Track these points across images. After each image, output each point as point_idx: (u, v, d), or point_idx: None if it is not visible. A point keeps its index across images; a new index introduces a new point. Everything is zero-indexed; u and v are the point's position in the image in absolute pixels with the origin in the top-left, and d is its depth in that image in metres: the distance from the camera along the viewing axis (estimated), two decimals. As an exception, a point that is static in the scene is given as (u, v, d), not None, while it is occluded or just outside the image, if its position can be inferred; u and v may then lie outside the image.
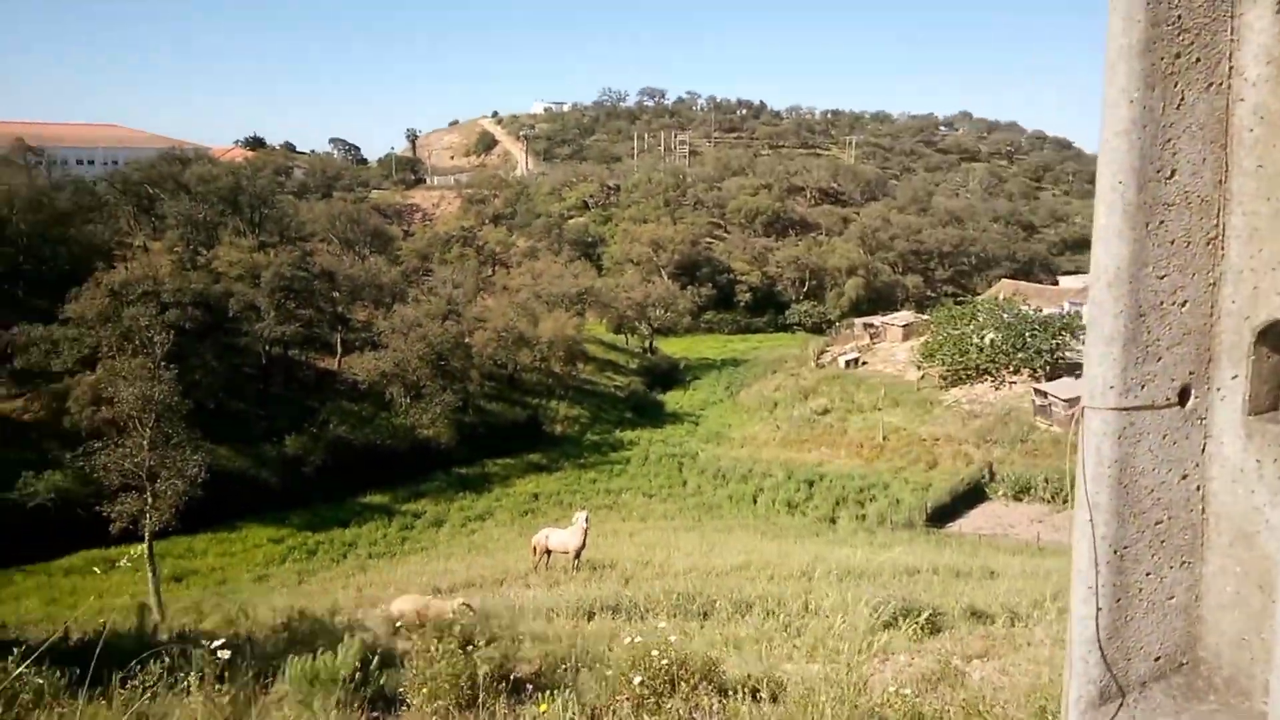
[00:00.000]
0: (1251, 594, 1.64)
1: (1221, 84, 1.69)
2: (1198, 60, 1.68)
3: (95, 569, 23.92)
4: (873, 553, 21.19)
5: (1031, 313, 55.71)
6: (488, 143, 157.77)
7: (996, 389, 54.02)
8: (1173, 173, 1.67)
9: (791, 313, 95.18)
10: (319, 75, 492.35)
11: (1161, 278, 1.67)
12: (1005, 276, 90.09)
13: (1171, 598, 1.71)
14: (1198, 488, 1.71)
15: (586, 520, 20.17)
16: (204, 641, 6.41)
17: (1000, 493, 42.67)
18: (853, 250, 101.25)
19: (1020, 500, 41.59)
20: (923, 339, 60.40)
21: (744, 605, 14.10)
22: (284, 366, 51.12)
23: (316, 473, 41.19)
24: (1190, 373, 1.69)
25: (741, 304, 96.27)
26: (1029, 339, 53.37)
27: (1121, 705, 1.66)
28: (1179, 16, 1.66)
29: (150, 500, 21.24)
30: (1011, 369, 53.93)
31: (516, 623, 13.06)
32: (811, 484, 43.68)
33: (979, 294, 78.28)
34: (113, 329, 39.45)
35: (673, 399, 67.61)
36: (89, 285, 41.78)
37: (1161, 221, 1.67)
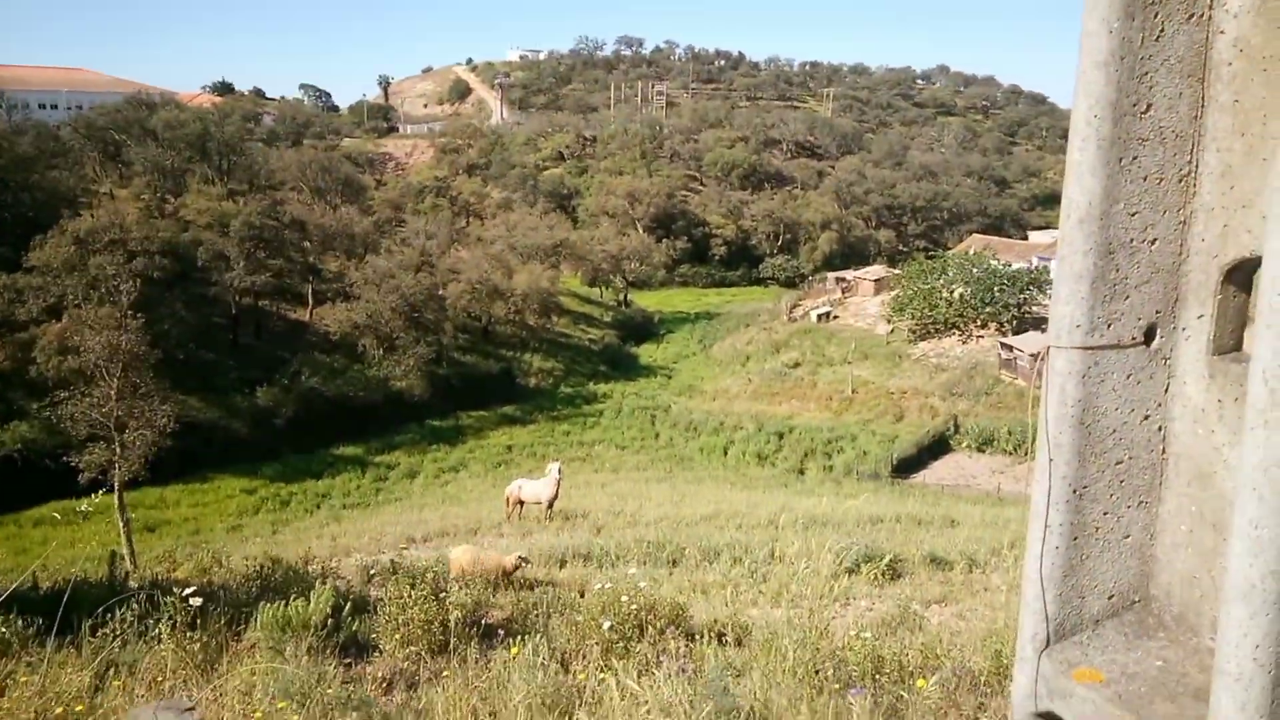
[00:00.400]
0: (1205, 533, 1.65)
1: (1202, 15, 1.65)
2: (1178, -11, 1.63)
3: (56, 515, 23.72)
4: (838, 502, 21.54)
5: (1001, 267, 56.17)
6: (462, 91, 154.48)
7: (964, 343, 54.65)
8: (1148, 107, 1.64)
9: (765, 266, 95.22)
10: (289, 20, 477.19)
11: (1133, 215, 1.64)
12: (977, 231, 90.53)
13: (1127, 537, 1.72)
14: (1159, 428, 1.71)
15: (560, 471, 20.25)
16: (175, 589, 6.38)
17: (964, 444, 43.44)
18: (827, 204, 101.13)
19: (983, 452, 42.39)
20: (893, 293, 60.77)
21: (712, 553, 14.32)
22: (254, 317, 50.42)
23: (288, 424, 40.94)
24: (1157, 312, 1.68)
25: (716, 257, 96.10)
26: (997, 293, 53.89)
27: (1074, 641, 1.68)
28: (1159, -57, 1.61)
29: (119, 450, 21.00)
30: (979, 323, 54.53)
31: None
32: (781, 436, 44.16)
33: (950, 249, 78.65)
34: (79, 277, 38.63)
35: (646, 352, 67.71)
36: (54, 233, 40.75)
37: (1135, 157, 1.64)
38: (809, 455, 41.89)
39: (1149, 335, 1.68)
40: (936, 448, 43.15)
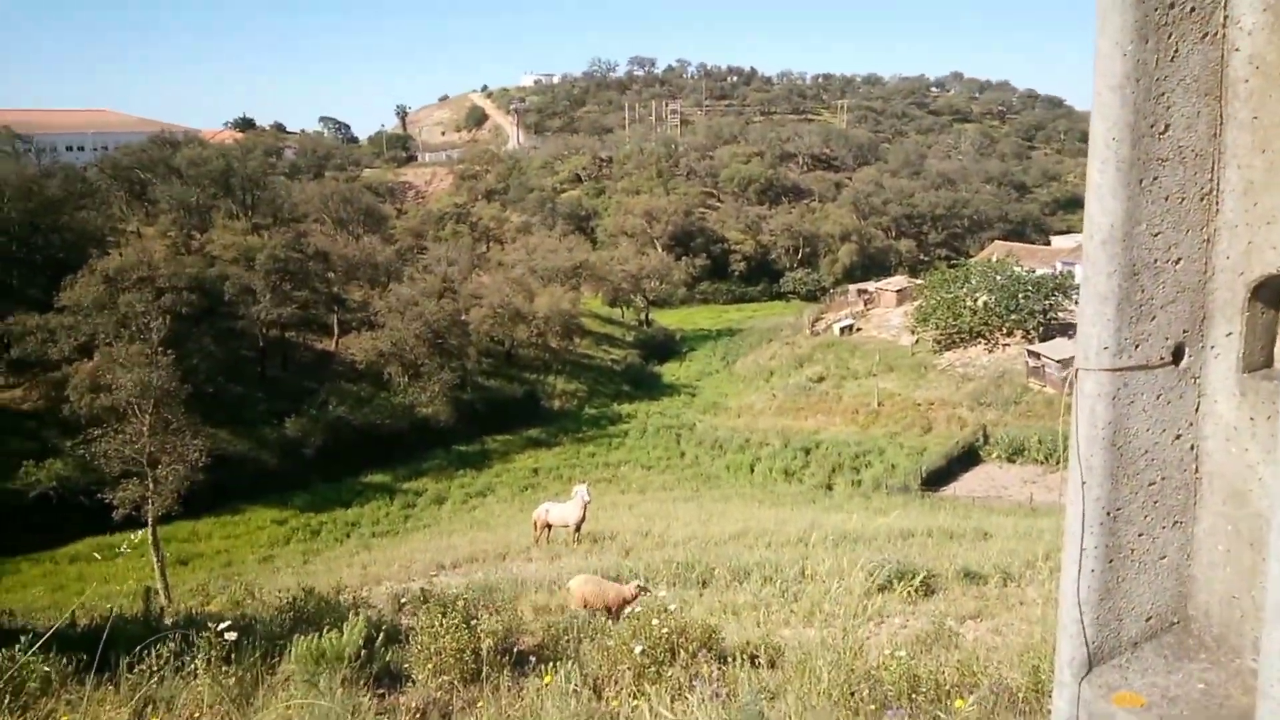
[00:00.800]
0: (1242, 552, 1.63)
1: (1216, 34, 1.65)
2: (1192, 10, 1.64)
3: (96, 555, 24.02)
4: (868, 517, 21.35)
5: (1024, 274, 55.63)
6: (478, 117, 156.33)
7: (990, 351, 54.09)
8: (1166, 127, 1.64)
9: (786, 281, 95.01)
10: (307, 54, 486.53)
11: (1155, 235, 1.64)
12: (998, 238, 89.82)
13: (1163, 557, 1.70)
14: (1191, 447, 1.70)
15: (588, 493, 20.27)
16: (210, 624, 6.44)
17: (994, 455, 42.89)
18: (846, 216, 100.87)
19: (1014, 462, 41.82)
20: (916, 303, 60.35)
21: (742, 573, 14.23)
22: (281, 349, 51.04)
23: (317, 454, 41.28)
24: (1184, 331, 1.68)
25: (736, 273, 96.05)
26: (1022, 300, 53.35)
27: (1113, 665, 1.66)
28: (1170, -34, 1.62)
29: (152, 486, 21.27)
30: (1005, 331, 53.97)
31: (519, 596, 13.18)
32: (808, 451, 43.86)
33: (972, 256, 78.11)
34: (109, 316, 39.32)
35: (669, 371, 67.67)
36: (84, 272, 41.57)
37: (1155, 177, 1.64)
38: (836, 470, 41.55)
39: (1177, 355, 1.67)
40: (966, 459, 42.64)
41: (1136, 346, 1.64)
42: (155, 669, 6.08)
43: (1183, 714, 1.57)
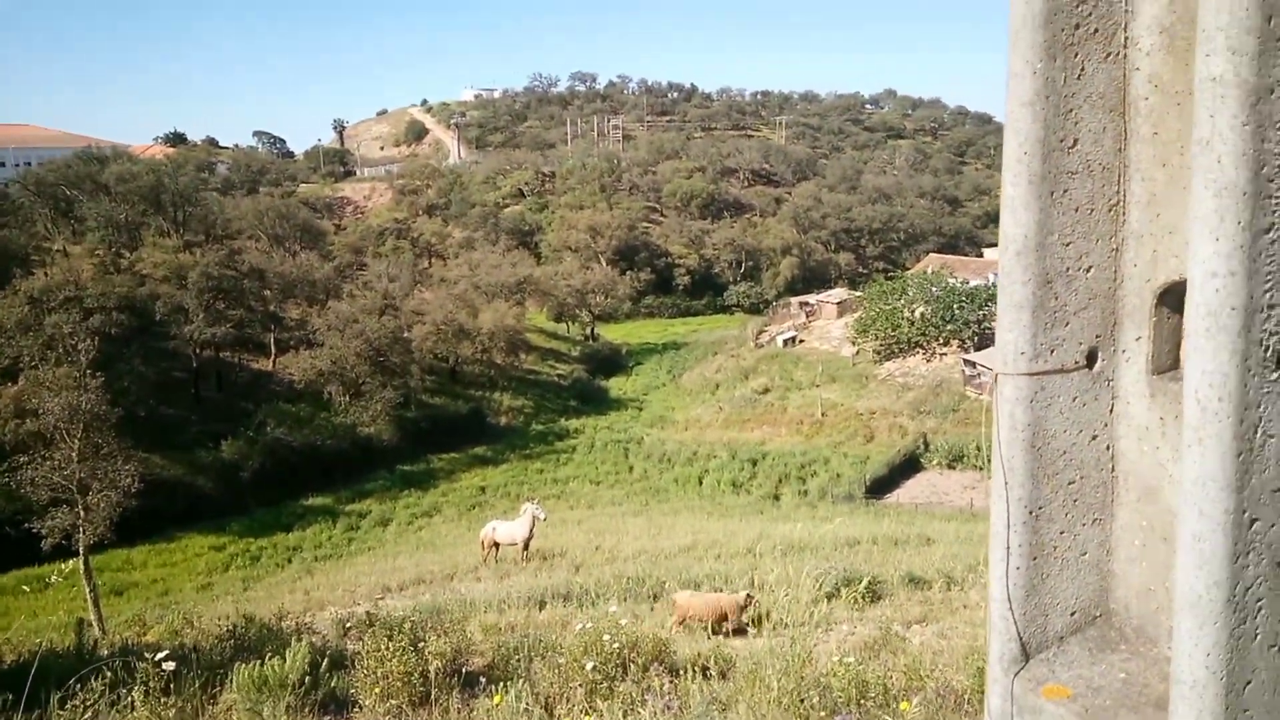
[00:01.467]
0: (1157, 547, 1.72)
1: (1119, 54, 1.75)
2: (1096, 31, 1.73)
3: (24, 587, 22.98)
4: (815, 527, 21.62)
5: (959, 285, 57.17)
6: (418, 132, 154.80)
7: (928, 361, 55.38)
8: (1075, 142, 1.73)
9: (730, 294, 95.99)
10: (242, 68, 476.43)
11: (1067, 245, 1.73)
12: (933, 251, 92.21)
13: (1084, 554, 1.78)
14: (1107, 447, 1.78)
15: (539, 509, 20.20)
16: (147, 654, 6.23)
17: (935, 462, 43.86)
18: (786, 230, 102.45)
19: (954, 469, 42.84)
20: (856, 315, 61.52)
21: (692, 585, 14.28)
22: (216, 369, 49.66)
23: (255, 477, 40.17)
24: (1097, 336, 1.76)
25: (680, 287, 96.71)
26: (957, 311, 54.78)
27: (1041, 659, 1.73)
28: (1076, -11, 1.71)
29: (83, 514, 20.46)
30: (942, 341, 55.33)
31: (468, 616, 13.00)
32: (755, 463, 44.25)
33: (908, 269, 79.95)
34: (34, 338, 37.84)
35: (616, 385, 67.67)
36: (6, 293, 40.01)
37: (1065, 190, 1.72)
38: (783, 481, 41.98)
39: (1091, 359, 1.76)
40: (908, 467, 43.50)
41: (1052, 351, 1.72)
42: (89, 703, 5.86)
43: (1106, 703, 1.64)
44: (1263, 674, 1.37)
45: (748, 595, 11.01)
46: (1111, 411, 1.78)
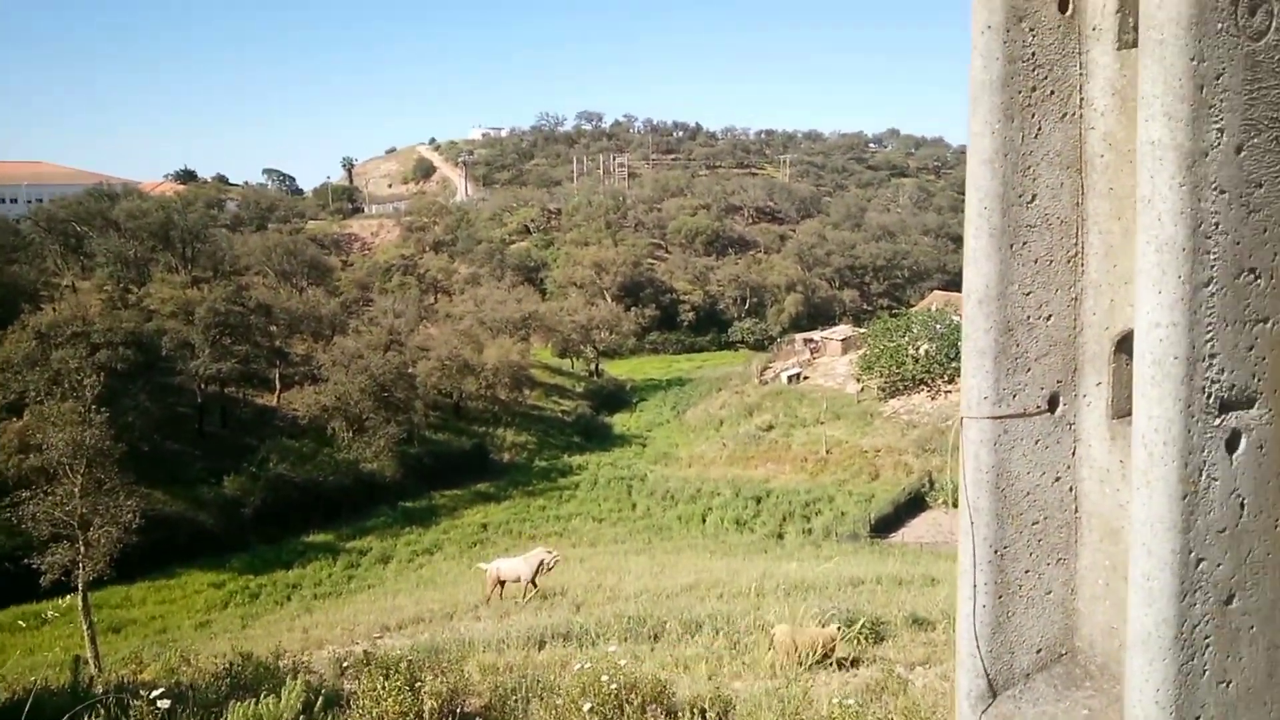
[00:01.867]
0: (1119, 586, 1.77)
1: (1074, 114, 1.84)
2: (1052, 93, 1.82)
3: (21, 623, 22.87)
4: (818, 566, 21.47)
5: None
6: (426, 169, 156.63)
7: (933, 398, 55.29)
8: (1033, 197, 1.81)
9: (734, 330, 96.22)
10: (253, 107, 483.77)
11: (1027, 294, 1.80)
12: (937, 288, 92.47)
13: (1049, 593, 1.83)
14: (1070, 488, 1.84)
15: (552, 556, 20.34)
16: (143, 692, 6.23)
17: (940, 500, 43.59)
18: (791, 267, 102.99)
19: (959, 507, 42.51)
20: (860, 352, 61.56)
21: (694, 625, 14.17)
22: (221, 404, 49.78)
23: (256, 513, 40.06)
24: (1058, 381, 1.83)
25: (685, 323, 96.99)
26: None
27: (1008, 696, 1.77)
28: (1033, 54, 1.81)
29: (83, 549, 20.42)
30: (946, 378, 55.28)
31: (466, 656, 12.92)
32: (759, 500, 44.02)
33: (913, 306, 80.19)
34: (40, 373, 38.00)
35: (620, 421, 67.59)
36: (14, 328, 40.25)
37: (1025, 243, 1.81)
38: (787, 519, 41.73)
39: (1053, 403, 1.82)
40: (913, 505, 43.25)
41: (1014, 396, 1.79)
42: (81, 741, 5.85)
43: (1071, 740, 1.68)
44: (1211, 709, 1.42)
45: (838, 628, 11.07)
46: (1074, 454, 1.84)
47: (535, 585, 19.89)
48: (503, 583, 20.25)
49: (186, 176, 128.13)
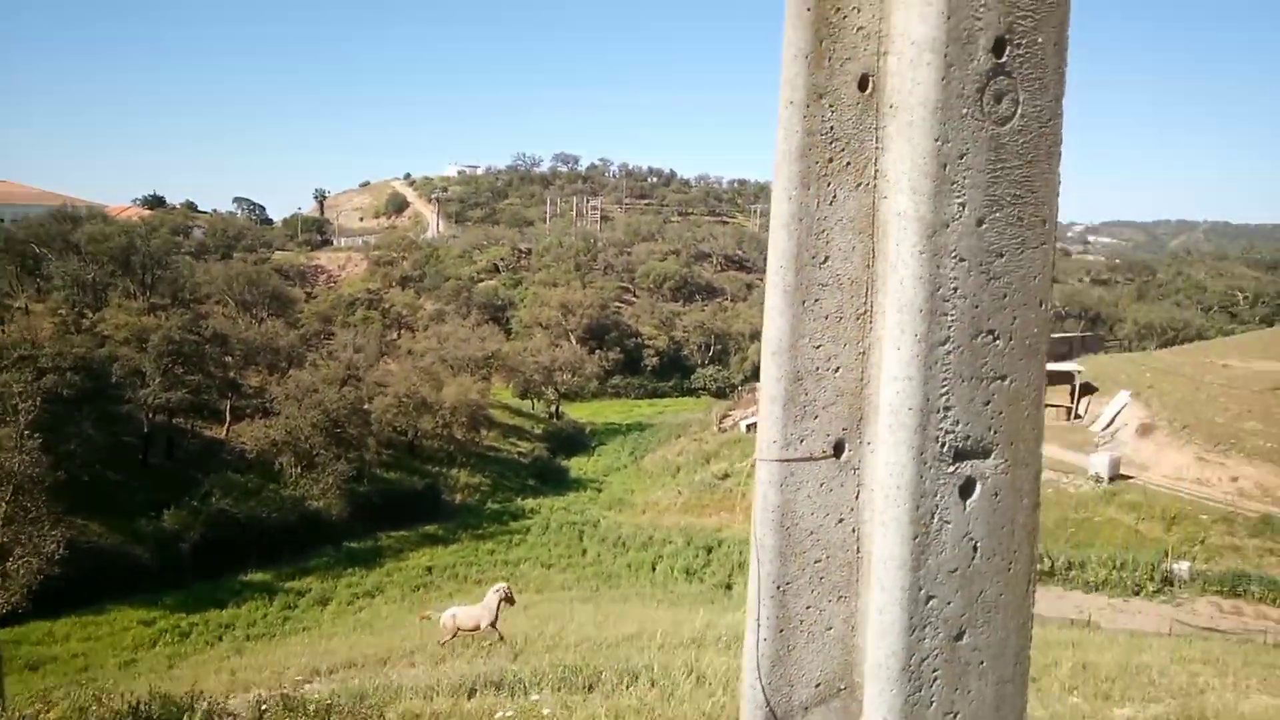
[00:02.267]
0: (889, 622, 1.87)
1: (869, 184, 1.99)
2: (848, 164, 1.98)
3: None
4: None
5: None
6: (399, 204, 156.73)
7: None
8: (826, 259, 1.95)
9: (697, 377, 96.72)
10: (229, 137, 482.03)
11: (817, 347, 1.94)
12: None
13: (830, 629, 1.93)
14: (853, 529, 1.96)
15: (507, 591, 19.73)
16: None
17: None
18: (755, 315, 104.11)
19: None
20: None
21: (631, 675, 14.01)
22: (168, 435, 48.66)
23: (195, 549, 38.91)
24: (844, 429, 1.95)
25: (648, 368, 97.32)
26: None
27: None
28: (831, 128, 1.97)
29: (0, 580, 19.70)
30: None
31: (391, 703, 12.64)
32: (710, 550, 43.83)
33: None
34: (-19, 397, 36.95)
35: (577, 465, 67.21)
36: (-42, 350, 39.23)
37: (817, 299, 1.94)
38: (737, 569, 41.53)
39: (839, 449, 1.95)
40: (864, 558, 43.40)
41: (801, 441, 1.91)
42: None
43: (846, 772, 1.76)
44: (933, 739, 1.51)
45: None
46: (857, 498, 1.96)
47: (496, 628, 19.38)
48: (458, 631, 19.72)
49: (155, 202, 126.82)
